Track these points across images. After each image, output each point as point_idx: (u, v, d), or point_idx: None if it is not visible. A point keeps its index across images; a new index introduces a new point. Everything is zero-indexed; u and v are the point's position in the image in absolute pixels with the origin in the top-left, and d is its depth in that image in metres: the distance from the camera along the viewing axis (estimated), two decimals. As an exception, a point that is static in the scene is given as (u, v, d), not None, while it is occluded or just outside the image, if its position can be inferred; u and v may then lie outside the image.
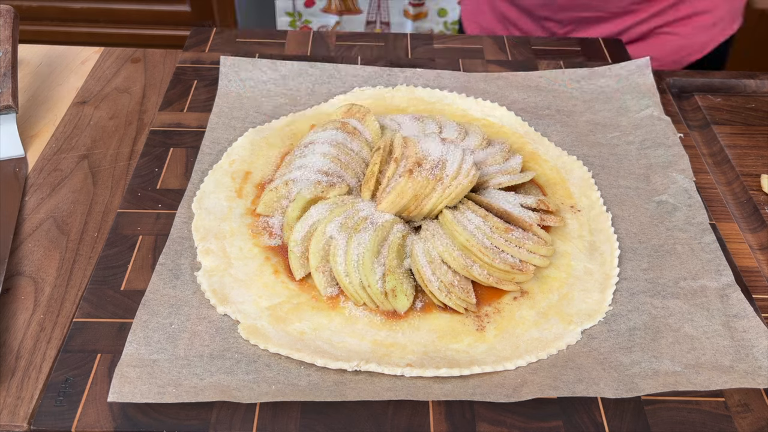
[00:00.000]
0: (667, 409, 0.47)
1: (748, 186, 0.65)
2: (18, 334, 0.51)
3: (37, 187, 0.63)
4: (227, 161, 0.64)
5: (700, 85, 0.79)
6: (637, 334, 0.51)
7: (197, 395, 0.46)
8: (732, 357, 0.50)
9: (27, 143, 0.68)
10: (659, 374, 0.49)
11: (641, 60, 0.77)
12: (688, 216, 0.60)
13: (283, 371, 0.48)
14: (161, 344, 0.49)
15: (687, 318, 0.53)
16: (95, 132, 0.70)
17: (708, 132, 0.72)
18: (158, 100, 0.74)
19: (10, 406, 0.47)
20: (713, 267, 0.56)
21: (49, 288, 0.54)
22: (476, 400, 0.47)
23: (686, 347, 0.51)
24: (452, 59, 0.82)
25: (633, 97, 0.73)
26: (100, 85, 0.76)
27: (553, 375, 0.48)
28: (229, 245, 0.56)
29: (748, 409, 0.48)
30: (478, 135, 0.65)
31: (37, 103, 0.74)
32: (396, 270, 0.52)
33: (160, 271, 0.54)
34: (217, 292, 0.53)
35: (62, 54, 0.81)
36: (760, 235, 0.61)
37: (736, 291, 0.54)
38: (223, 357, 0.49)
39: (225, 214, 0.59)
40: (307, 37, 0.85)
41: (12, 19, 0.72)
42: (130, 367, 0.47)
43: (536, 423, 0.46)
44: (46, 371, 0.49)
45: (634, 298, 0.54)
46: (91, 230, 0.59)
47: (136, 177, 0.64)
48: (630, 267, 0.56)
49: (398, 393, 0.47)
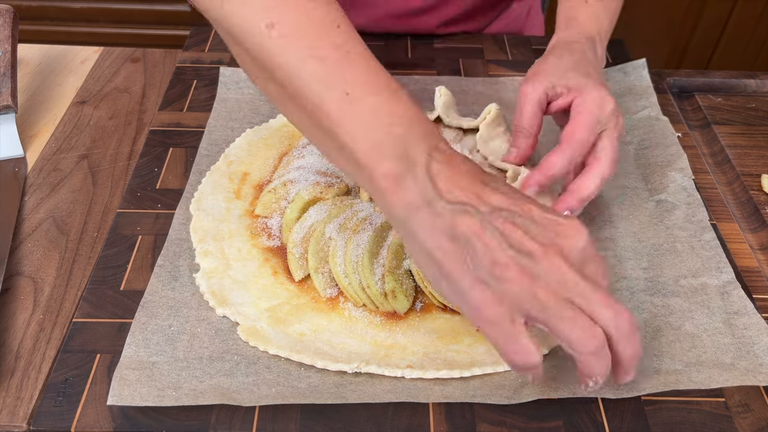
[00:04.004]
0: (668, 409, 0.47)
1: (749, 186, 0.65)
2: (17, 334, 0.51)
3: (37, 187, 0.63)
4: (225, 162, 0.64)
5: (701, 84, 0.79)
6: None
7: (197, 398, 0.46)
8: (733, 354, 0.50)
9: (26, 143, 0.68)
10: (660, 373, 0.48)
11: (638, 61, 0.77)
12: (688, 214, 0.60)
13: (283, 373, 0.48)
14: (160, 346, 0.49)
15: (687, 316, 0.53)
16: (95, 132, 0.70)
17: (708, 132, 0.72)
18: (158, 100, 0.74)
19: (9, 406, 0.47)
20: (713, 264, 0.56)
21: (49, 288, 0.54)
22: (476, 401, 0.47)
23: (687, 345, 0.50)
24: (452, 59, 0.81)
25: (630, 98, 0.74)
26: (99, 85, 0.76)
27: (554, 375, 0.48)
28: (227, 247, 0.56)
29: (749, 410, 0.48)
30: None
31: (36, 103, 0.74)
32: (395, 271, 0.52)
33: (158, 273, 0.54)
34: (216, 293, 0.52)
35: (62, 54, 0.81)
36: (761, 235, 0.61)
37: (736, 288, 0.54)
38: (223, 359, 0.49)
39: (223, 215, 0.59)
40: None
41: (12, 19, 0.72)
42: (129, 369, 0.47)
43: (536, 423, 0.46)
44: (45, 371, 0.49)
45: (634, 297, 0.54)
46: (91, 230, 0.59)
47: (136, 177, 0.64)
48: (630, 266, 0.56)
49: (399, 395, 0.47)
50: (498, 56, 0.82)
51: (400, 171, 0.41)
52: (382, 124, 0.42)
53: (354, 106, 0.42)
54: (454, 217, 0.40)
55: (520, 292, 0.39)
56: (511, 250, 0.39)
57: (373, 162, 0.41)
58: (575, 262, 0.40)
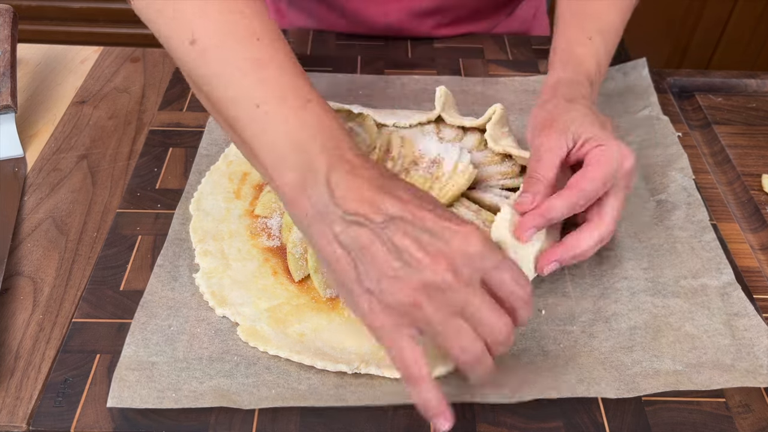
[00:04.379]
0: (668, 410, 0.47)
1: (749, 186, 0.65)
2: (17, 334, 0.51)
3: (36, 187, 0.63)
4: (225, 162, 0.64)
5: (701, 84, 0.79)
6: (638, 334, 0.51)
7: (197, 400, 0.46)
8: (733, 356, 0.50)
9: (26, 143, 0.68)
10: (660, 374, 0.48)
11: (638, 61, 0.77)
12: (688, 214, 0.60)
13: (283, 374, 0.48)
14: (160, 346, 0.49)
15: (688, 317, 0.52)
16: (94, 132, 0.70)
17: (709, 132, 0.72)
18: (158, 100, 0.74)
19: (9, 406, 0.46)
20: (714, 265, 0.56)
21: (48, 288, 0.54)
22: (476, 401, 0.47)
23: (687, 346, 0.50)
24: (452, 59, 0.81)
25: (631, 97, 0.74)
26: (99, 85, 0.76)
27: (554, 375, 0.48)
28: (227, 247, 0.56)
29: (749, 410, 0.48)
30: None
31: (36, 103, 0.73)
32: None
33: (158, 273, 0.54)
34: (215, 293, 0.52)
35: (61, 53, 0.81)
36: (761, 235, 0.61)
37: (736, 289, 0.54)
38: (223, 360, 0.49)
39: (223, 215, 0.59)
40: (307, 36, 0.85)
41: (11, 19, 0.72)
42: (129, 370, 0.47)
43: (536, 423, 0.46)
44: (45, 371, 0.49)
45: (635, 298, 0.54)
46: (90, 230, 0.59)
47: (136, 177, 0.63)
48: (630, 266, 0.56)
49: (399, 397, 0.47)
50: (498, 56, 0.82)
51: (300, 181, 0.43)
52: (288, 135, 0.43)
53: (263, 118, 0.44)
54: (347, 227, 0.41)
55: (405, 304, 0.40)
56: (399, 262, 0.40)
57: (277, 172, 0.44)
58: (464, 271, 0.40)
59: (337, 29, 0.85)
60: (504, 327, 0.41)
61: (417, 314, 0.40)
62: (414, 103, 0.74)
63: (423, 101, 0.74)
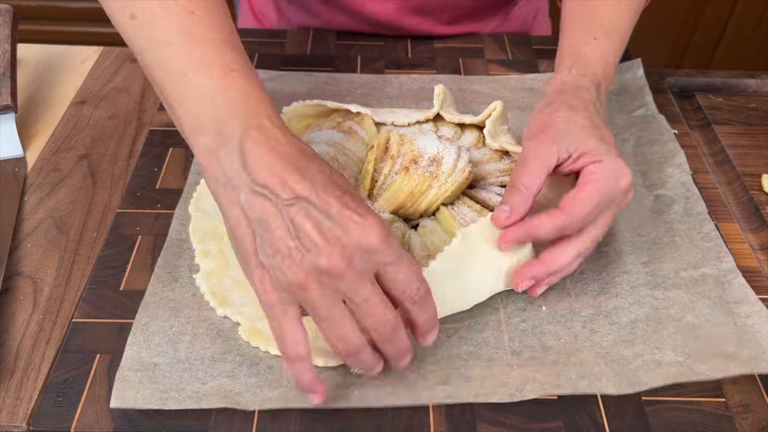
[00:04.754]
0: (668, 410, 0.47)
1: (749, 186, 0.65)
2: (17, 334, 0.51)
3: (36, 187, 0.63)
4: (226, 161, 0.64)
5: (701, 84, 0.79)
6: (638, 327, 0.51)
7: (200, 401, 0.46)
8: (735, 343, 0.50)
9: (26, 143, 0.68)
10: (662, 365, 0.48)
11: (633, 61, 0.77)
12: (687, 208, 0.60)
13: (285, 374, 0.48)
14: (162, 347, 0.49)
15: (689, 307, 0.52)
16: (94, 132, 0.70)
17: (709, 132, 0.72)
18: (157, 100, 0.74)
19: (9, 406, 0.46)
20: (713, 254, 0.56)
21: (48, 288, 0.54)
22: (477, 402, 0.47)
23: (689, 336, 0.50)
24: (452, 59, 0.81)
25: (626, 96, 0.74)
26: (99, 85, 0.76)
27: (555, 372, 0.48)
28: (227, 247, 0.56)
29: (749, 410, 0.48)
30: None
31: (36, 103, 0.73)
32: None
33: (158, 274, 0.54)
34: (216, 294, 0.52)
35: (61, 53, 0.81)
36: (761, 235, 0.61)
37: (737, 276, 0.54)
38: (225, 360, 0.49)
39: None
40: (307, 36, 0.85)
41: (11, 19, 0.72)
42: (131, 370, 0.47)
43: (536, 423, 0.46)
44: (45, 371, 0.49)
45: (635, 291, 0.54)
46: (91, 230, 0.59)
47: (136, 177, 0.63)
48: (630, 260, 0.56)
49: (401, 398, 0.47)
50: (498, 56, 0.82)
51: (213, 146, 0.44)
52: (207, 101, 0.44)
53: (187, 86, 0.45)
54: (253, 197, 0.42)
55: (293, 284, 0.41)
56: (295, 242, 0.41)
57: (194, 136, 0.45)
58: (357, 261, 0.41)
59: (336, 26, 0.85)
60: (390, 322, 0.42)
61: (303, 296, 0.41)
62: (412, 102, 0.74)
63: (421, 100, 0.74)
